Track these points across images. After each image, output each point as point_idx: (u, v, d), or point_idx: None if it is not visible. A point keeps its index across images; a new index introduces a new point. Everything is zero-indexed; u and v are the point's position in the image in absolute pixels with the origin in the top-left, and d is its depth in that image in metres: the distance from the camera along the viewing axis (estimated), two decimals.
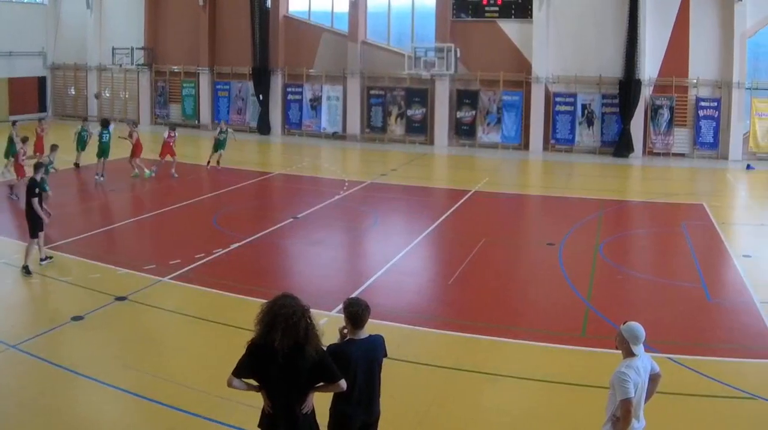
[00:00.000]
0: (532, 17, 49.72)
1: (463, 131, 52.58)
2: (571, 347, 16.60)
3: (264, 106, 56.88)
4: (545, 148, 50.17)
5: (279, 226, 27.54)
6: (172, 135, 37.83)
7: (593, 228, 28.55)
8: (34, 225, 21.27)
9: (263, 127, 56.76)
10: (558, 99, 50.01)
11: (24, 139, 31.64)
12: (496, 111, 51.31)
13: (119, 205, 31.76)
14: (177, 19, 60.76)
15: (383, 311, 17.06)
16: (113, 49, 60.50)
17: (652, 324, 15.30)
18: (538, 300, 20.30)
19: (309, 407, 9.12)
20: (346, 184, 36.15)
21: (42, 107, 65.36)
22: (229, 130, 40.04)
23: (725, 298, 20.43)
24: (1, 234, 25.79)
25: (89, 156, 37.18)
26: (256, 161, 39.00)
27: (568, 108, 49.79)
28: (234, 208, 31.49)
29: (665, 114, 47.59)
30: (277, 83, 57.17)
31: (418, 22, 53.86)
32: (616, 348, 9.84)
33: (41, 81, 65.93)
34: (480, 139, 51.94)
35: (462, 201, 33.05)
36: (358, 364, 9.54)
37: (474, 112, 52.05)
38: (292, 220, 28.56)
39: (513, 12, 50.64)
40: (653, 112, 47.86)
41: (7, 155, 33.95)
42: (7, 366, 15.02)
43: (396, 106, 54.03)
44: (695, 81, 47.14)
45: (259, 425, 9.29)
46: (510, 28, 50.89)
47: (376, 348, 9.86)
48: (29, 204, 21.20)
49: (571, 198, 35.02)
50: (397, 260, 23.42)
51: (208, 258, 22.83)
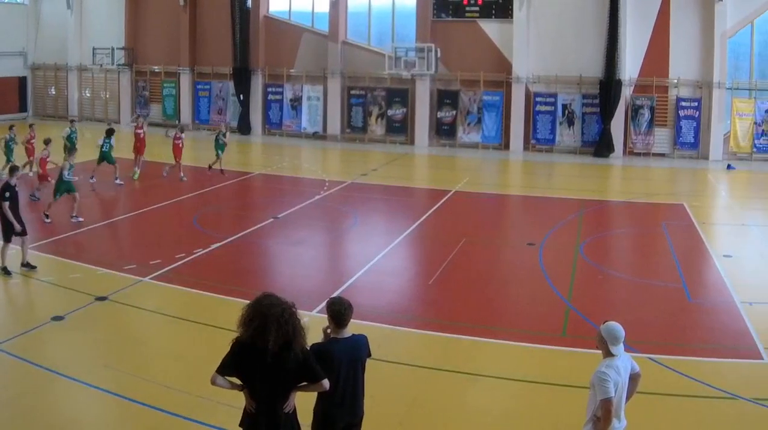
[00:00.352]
0: (512, 17, 49.43)
1: (443, 131, 52.22)
2: (551, 347, 16.53)
3: (244, 106, 56.33)
4: (526, 148, 49.86)
5: (259, 226, 27.32)
6: (180, 137, 36.97)
7: (574, 228, 28.37)
8: (5, 229, 20.94)
9: (244, 127, 56.02)
10: (538, 99, 49.66)
11: (47, 141, 31.03)
12: (476, 111, 51.02)
13: (100, 205, 31.11)
14: (157, 19, 60.09)
15: (364, 311, 16.68)
16: (94, 49, 59.88)
17: (633, 324, 15.46)
18: (519, 300, 20.22)
19: (291, 407, 9.06)
20: (327, 184, 35.87)
21: (23, 107, 64.80)
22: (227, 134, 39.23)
23: (706, 298, 20.35)
24: None
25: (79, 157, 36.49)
26: (236, 161, 38.72)
27: (549, 108, 49.48)
28: (214, 209, 31.15)
29: (646, 114, 47.43)
30: (257, 83, 56.66)
31: (399, 22, 53.56)
32: (597, 348, 9.78)
33: (22, 81, 65.03)
34: (460, 139, 51.61)
35: (442, 201, 32.86)
36: (342, 363, 9.46)
37: (454, 112, 51.71)
38: (272, 220, 28.37)
39: (493, 12, 50.37)
40: (634, 112, 47.60)
41: (7, 158, 33.41)
42: None
43: (376, 106, 53.63)
44: (676, 81, 46.97)
45: (240, 425, 9.19)
46: (490, 28, 50.60)
47: (359, 347, 9.77)
48: None
49: (551, 198, 34.86)
50: (377, 260, 23.32)
51: (188, 258, 22.70)
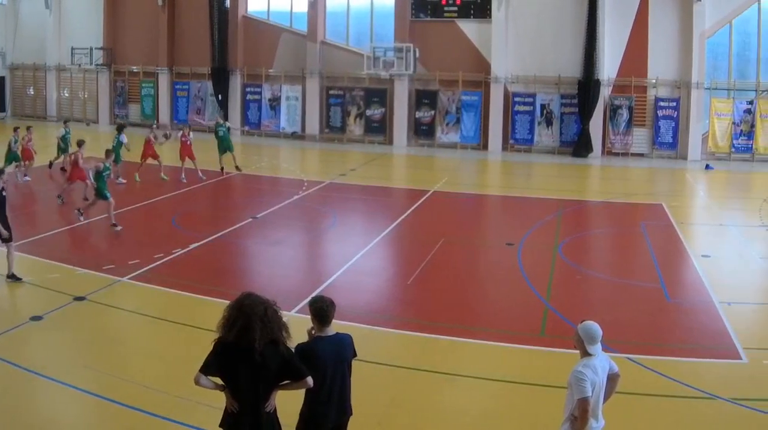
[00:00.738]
0: (491, 17, 49.29)
1: (422, 131, 51.90)
2: (530, 346, 16.32)
3: (223, 106, 55.72)
4: (504, 148, 49.62)
5: (238, 226, 26.92)
6: (187, 135, 36.26)
7: (552, 228, 28.07)
8: None
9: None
10: (517, 99, 49.41)
11: (80, 143, 30.14)
12: (455, 111, 50.81)
13: (79, 205, 30.99)
14: (136, 19, 59.63)
15: (342, 311, 15.86)
16: (72, 49, 59.54)
17: (611, 324, 15.33)
18: (498, 300, 19.96)
19: (272, 406, 8.98)
20: (305, 184, 35.44)
21: (1, 107, 64.53)
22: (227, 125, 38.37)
23: (684, 298, 20.14)
24: None
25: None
26: (215, 161, 38.58)
27: (527, 108, 49.21)
28: (193, 208, 30.68)
29: (624, 114, 47.32)
30: (236, 83, 56.24)
31: (377, 22, 53.24)
32: (575, 348, 9.64)
33: (0, 81, 64.73)
34: (439, 139, 51.35)
35: (421, 201, 32.56)
36: (327, 362, 9.30)
37: (433, 112, 51.43)
38: (251, 220, 28.02)
39: (472, 12, 50.22)
40: (612, 112, 47.48)
41: (9, 161, 33.01)
42: None
43: (355, 106, 53.34)
44: (654, 81, 46.90)
45: (221, 425, 9.07)
46: (469, 28, 50.42)
47: (344, 346, 9.60)
48: None
49: (530, 198, 34.64)
50: (356, 260, 23.02)
51: (167, 258, 22.38)
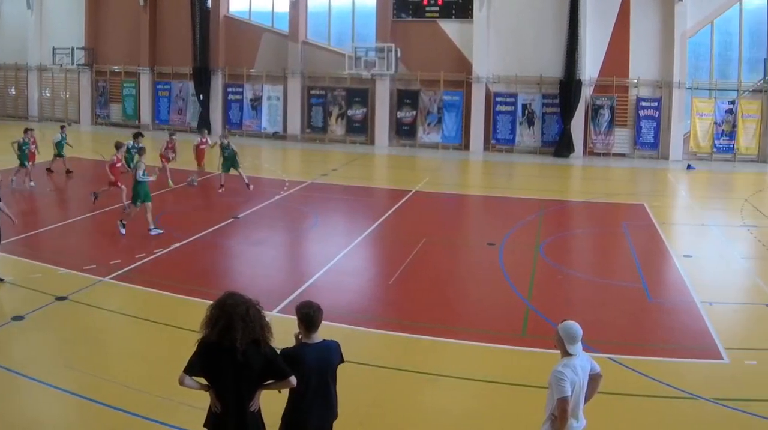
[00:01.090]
0: (472, 17, 49.08)
1: (403, 131, 51.55)
2: (511, 347, 16.24)
3: (204, 106, 55.45)
4: (486, 148, 49.33)
5: (220, 226, 26.66)
6: (205, 141, 35.84)
7: (534, 228, 27.89)
8: None
9: (203, 127, 51.86)
10: (498, 99, 49.11)
11: (118, 145, 29.83)
12: (436, 111, 50.46)
13: (60, 205, 30.64)
14: (118, 19, 59.07)
15: (324, 311, 16.52)
16: (54, 49, 59.05)
17: (593, 324, 15.66)
18: (479, 300, 19.77)
19: (256, 406, 8.94)
20: (287, 184, 35.18)
21: None
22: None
23: (666, 298, 20.03)
24: None
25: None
26: (195, 161, 38.53)
27: (509, 108, 48.92)
28: (175, 209, 30.24)
29: (606, 114, 47.13)
30: (217, 83, 55.73)
31: (359, 21, 52.93)
32: (556, 348, 9.60)
33: None
34: (420, 139, 50.98)
35: (402, 201, 32.39)
36: (312, 369, 9.19)
37: (414, 112, 51.04)
38: (233, 220, 27.83)
39: (453, 12, 49.93)
40: (594, 112, 47.24)
41: (23, 162, 32.77)
42: None
43: (336, 106, 52.93)
44: (636, 81, 46.74)
45: (205, 425, 9.04)
46: (450, 28, 50.16)
47: (330, 353, 9.49)
48: None
49: (511, 198, 34.50)
50: (337, 260, 22.88)
51: (149, 258, 22.25)
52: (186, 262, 22.75)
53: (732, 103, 45.82)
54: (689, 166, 43.53)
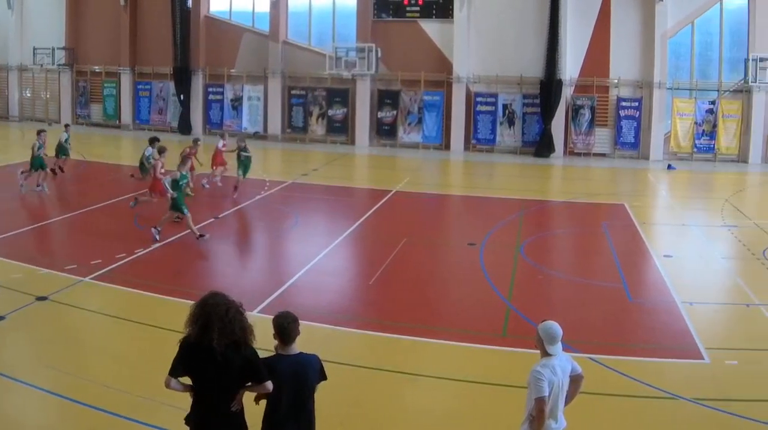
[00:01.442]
0: (453, 17, 48.57)
1: (384, 131, 50.98)
2: (492, 347, 16.16)
3: (185, 106, 54.80)
4: (466, 148, 48.85)
5: (200, 226, 25.91)
6: (226, 143, 34.93)
7: (514, 228, 27.70)
8: None
9: (184, 127, 54.47)
10: (479, 99, 48.62)
11: (161, 150, 28.79)
12: (417, 111, 49.90)
13: (40, 205, 30.14)
14: (98, 19, 58.12)
15: (304, 311, 15.86)
16: (34, 49, 58.14)
17: (573, 324, 15.63)
18: (459, 300, 19.55)
19: (238, 406, 8.85)
20: (268, 184, 34.95)
21: None
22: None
23: (646, 298, 19.92)
24: None
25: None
26: (177, 161, 38.26)
27: (489, 108, 48.42)
28: (154, 208, 29.98)
29: (586, 114, 46.70)
30: (198, 83, 54.94)
31: (339, 22, 52.35)
32: (536, 348, 9.54)
33: None
34: (401, 139, 50.43)
35: (383, 201, 32.17)
36: (285, 382, 8.90)
37: (395, 112, 50.50)
38: (213, 220, 27.55)
39: (434, 12, 49.40)
40: (574, 112, 46.78)
41: (35, 166, 31.42)
42: None
43: (317, 106, 52.31)
44: (616, 81, 46.33)
45: (186, 422, 8.99)
46: (431, 28, 49.63)
47: (305, 368, 9.09)
48: None
49: (492, 198, 34.24)
50: (318, 260, 22.74)
51: (129, 258, 22.04)
52: (166, 262, 22.58)
53: (712, 103, 45.40)
54: (670, 166, 43.19)
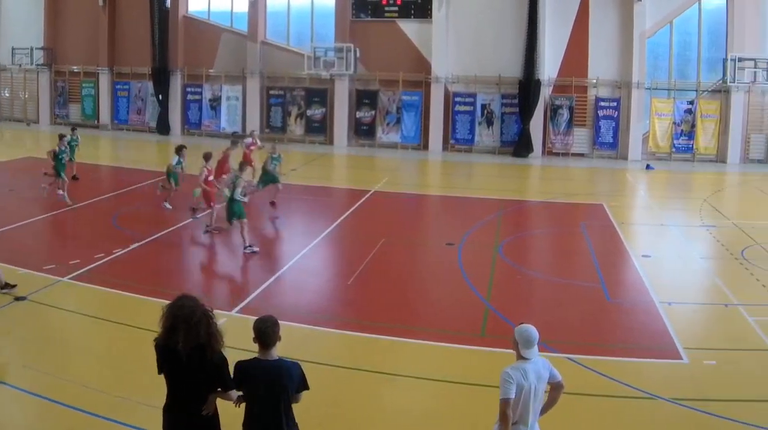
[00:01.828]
0: (431, 17, 47.87)
1: (362, 131, 50.35)
2: (470, 347, 16.12)
3: (164, 106, 54.05)
4: (445, 148, 48.35)
5: (179, 226, 26.41)
6: (255, 143, 34.13)
7: (493, 228, 27.52)
8: None
9: (162, 127, 53.77)
10: (457, 99, 48.03)
11: (207, 156, 26.84)
12: (395, 111, 49.37)
13: (18, 205, 29.73)
14: (77, 19, 57.18)
15: (283, 311, 16.65)
16: (13, 48, 57.37)
17: (552, 324, 16.17)
18: (438, 300, 19.58)
19: (210, 410, 8.79)
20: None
21: None
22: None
23: (625, 298, 19.91)
24: None
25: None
26: (155, 161, 37.38)
27: (468, 108, 47.86)
28: (133, 209, 29.86)
29: (565, 114, 46.20)
30: (176, 83, 54.10)
31: (318, 21, 51.59)
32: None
33: None
34: (379, 139, 49.87)
35: (361, 201, 31.98)
36: (259, 386, 8.68)
37: (373, 112, 49.94)
38: (191, 220, 27.40)
39: (412, 12, 48.77)
40: (553, 112, 46.23)
41: (59, 172, 30.16)
42: None
43: (296, 106, 51.71)
44: (595, 81, 45.88)
45: (163, 422, 9.02)
46: (409, 28, 49.02)
47: (282, 375, 8.75)
48: None
49: (470, 198, 33.93)
50: (296, 260, 22.72)
51: (107, 258, 21.96)
52: (145, 262, 22.43)
53: (691, 103, 44.96)
54: (648, 166, 42.82)
